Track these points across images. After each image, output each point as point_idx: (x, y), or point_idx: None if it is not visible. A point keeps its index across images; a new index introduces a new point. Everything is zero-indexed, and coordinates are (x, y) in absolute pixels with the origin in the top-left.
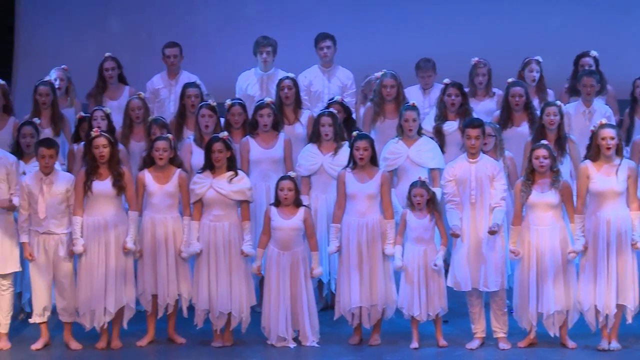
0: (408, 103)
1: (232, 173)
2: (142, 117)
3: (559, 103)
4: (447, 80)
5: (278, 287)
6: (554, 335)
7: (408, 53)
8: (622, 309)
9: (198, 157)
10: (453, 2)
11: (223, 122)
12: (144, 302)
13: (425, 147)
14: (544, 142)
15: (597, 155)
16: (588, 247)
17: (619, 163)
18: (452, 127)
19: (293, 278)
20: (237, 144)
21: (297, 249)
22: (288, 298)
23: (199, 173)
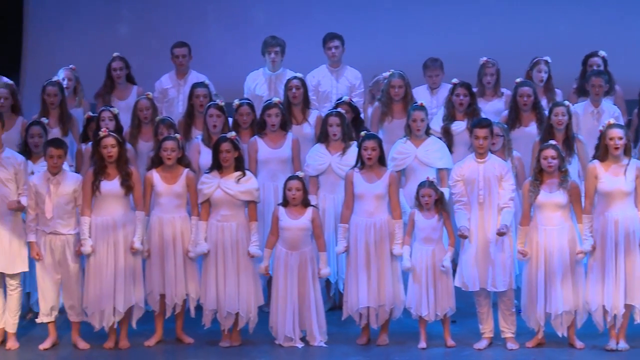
0: (416, 103)
1: (239, 173)
2: (150, 117)
3: (567, 103)
4: (455, 80)
5: (286, 287)
6: (562, 336)
7: (416, 53)
8: (630, 309)
9: (206, 157)
10: (462, 2)
11: (231, 122)
12: (152, 302)
13: (433, 147)
14: (552, 142)
15: (605, 156)
16: (596, 247)
17: (627, 163)
18: (460, 127)
19: (301, 278)
20: (245, 144)
21: (305, 249)
22: (296, 298)
23: (207, 173)
